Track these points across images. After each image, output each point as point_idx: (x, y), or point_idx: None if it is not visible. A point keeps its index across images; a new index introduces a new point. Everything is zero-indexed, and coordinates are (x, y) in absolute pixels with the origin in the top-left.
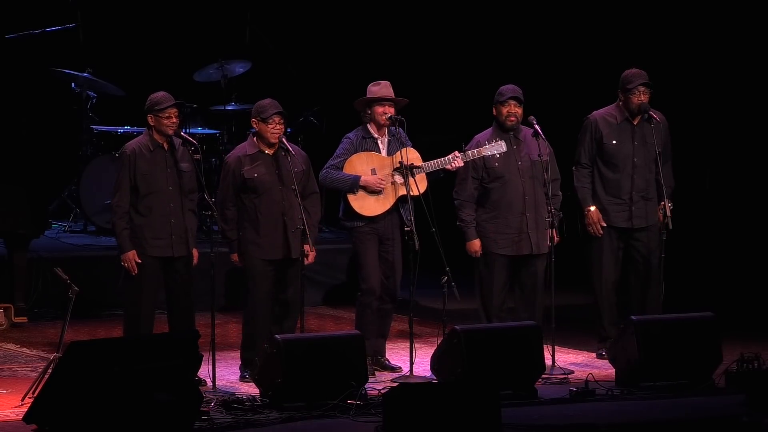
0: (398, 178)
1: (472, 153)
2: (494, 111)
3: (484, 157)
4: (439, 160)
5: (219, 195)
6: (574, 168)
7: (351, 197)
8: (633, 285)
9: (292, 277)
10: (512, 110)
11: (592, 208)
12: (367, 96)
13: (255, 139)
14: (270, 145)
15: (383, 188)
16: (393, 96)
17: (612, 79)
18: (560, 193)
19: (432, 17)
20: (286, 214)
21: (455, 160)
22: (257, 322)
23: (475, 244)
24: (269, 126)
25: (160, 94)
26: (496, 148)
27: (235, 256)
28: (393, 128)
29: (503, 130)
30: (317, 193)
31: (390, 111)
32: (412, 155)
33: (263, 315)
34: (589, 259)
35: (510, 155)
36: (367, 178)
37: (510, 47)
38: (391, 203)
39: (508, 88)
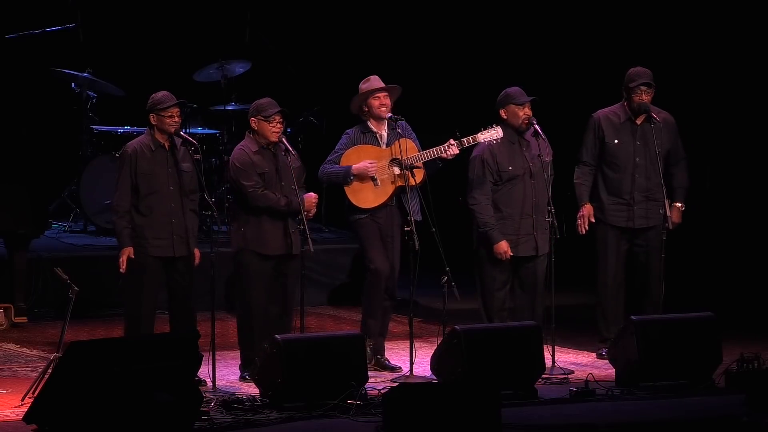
0: (396, 170)
1: (467, 140)
2: (503, 114)
3: (497, 160)
4: (434, 148)
5: (251, 190)
6: (576, 166)
7: (347, 190)
8: (634, 285)
9: (291, 273)
10: (527, 112)
11: (586, 205)
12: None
13: (254, 137)
14: (268, 144)
15: (376, 173)
16: (384, 86)
17: (615, 78)
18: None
19: (433, 17)
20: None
21: (451, 148)
22: (254, 320)
23: (503, 246)
24: (271, 125)
25: (162, 93)
26: (492, 134)
27: None
28: (393, 123)
29: (518, 133)
30: (304, 188)
31: (386, 102)
32: (408, 145)
33: (260, 312)
34: (596, 258)
35: (519, 156)
36: (357, 165)
37: (512, 46)
38: (389, 194)
39: (520, 91)
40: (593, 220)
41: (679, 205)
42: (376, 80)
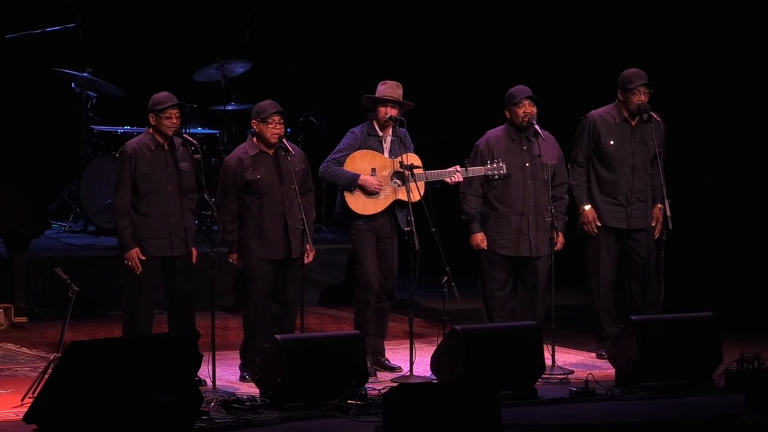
0: (397, 182)
1: (473, 170)
2: (507, 114)
3: (493, 153)
4: (439, 171)
5: (219, 196)
6: (569, 166)
7: (347, 194)
8: (630, 286)
9: (292, 276)
10: (527, 110)
11: (587, 207)
12: (375, 94)
13: (255, 139)
14: (270, 146)
15: (380, 191)
16: (398, 98)
17: (612, 79)
18: (567, 196)
19: (433, 16)
20: (287, 214)
21: (455, 175)
22: (257, 323)
23: (477, 237)
24: (269, 126)
25: (163, 94)
26: (497, 170)
27: (234, 257)
28: (401, 129)
29: (521, 131)
30: (313, 191)
31: (393, 112)
32: (413, 160)
33: (263, 315)
34: (586, 259)
35: (516, 155)
36: (366, 178)
37: (511, 46)
38: (387, 204)
39: (520, 89)
40: (599, 223)
41: (661, 206)
42: (392, 88)
